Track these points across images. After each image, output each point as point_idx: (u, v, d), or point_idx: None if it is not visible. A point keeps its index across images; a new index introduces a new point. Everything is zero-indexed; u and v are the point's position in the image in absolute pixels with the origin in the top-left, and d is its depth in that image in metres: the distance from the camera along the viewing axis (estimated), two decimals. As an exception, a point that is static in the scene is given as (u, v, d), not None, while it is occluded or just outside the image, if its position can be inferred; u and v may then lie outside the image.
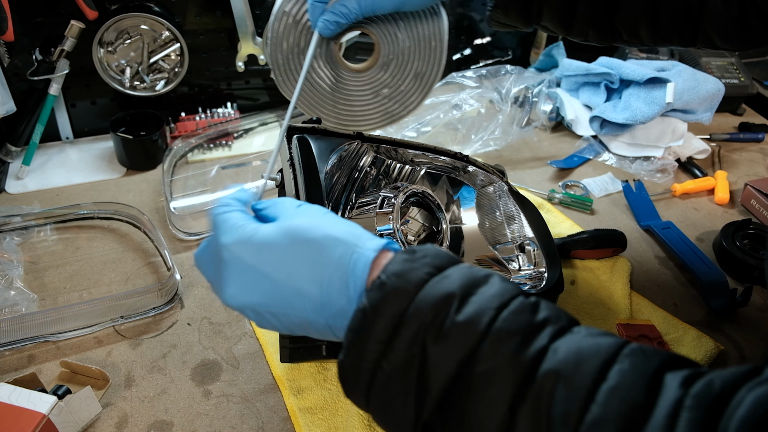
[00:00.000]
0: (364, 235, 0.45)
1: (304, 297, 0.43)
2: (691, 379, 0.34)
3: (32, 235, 0.89)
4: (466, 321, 0.38)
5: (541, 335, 0.37)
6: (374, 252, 0.43)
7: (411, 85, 0.82)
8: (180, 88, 1.15)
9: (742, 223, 0.95)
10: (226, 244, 0.45)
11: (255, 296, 0.44)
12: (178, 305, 0.80)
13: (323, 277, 0.43)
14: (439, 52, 0.80)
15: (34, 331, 0.73)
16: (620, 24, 0.67)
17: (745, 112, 1.36)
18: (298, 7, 0.75)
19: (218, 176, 1.04)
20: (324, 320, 0.43)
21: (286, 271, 0.43)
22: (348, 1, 0.70)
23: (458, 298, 0.39)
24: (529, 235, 0.81)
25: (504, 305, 0.39)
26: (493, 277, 0.41)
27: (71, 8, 0.98)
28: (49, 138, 1.11)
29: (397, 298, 0.39)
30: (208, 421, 0.66)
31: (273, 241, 0.44)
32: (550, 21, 0.70)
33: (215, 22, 1.12)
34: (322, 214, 0.47)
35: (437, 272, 0.41)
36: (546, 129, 1.23)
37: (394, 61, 0.80)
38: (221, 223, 0.47)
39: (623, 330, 0.77)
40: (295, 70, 0.80)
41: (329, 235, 0.44)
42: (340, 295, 0.42)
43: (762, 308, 0.85)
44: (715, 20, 0.64)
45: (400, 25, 0.77)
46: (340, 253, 0.43)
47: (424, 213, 0.77)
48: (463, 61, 1.38)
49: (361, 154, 0.76)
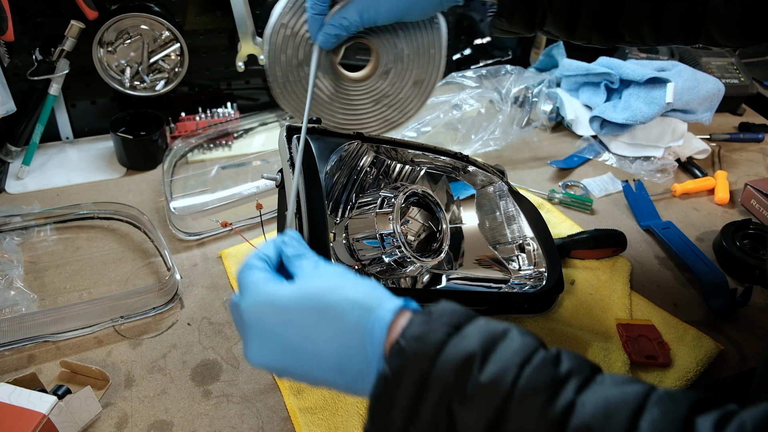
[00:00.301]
0: (381, 295, 0.45)
1: (322, 360, 0.43)
2: (722, 422, 0.34)
3: (32, 235, 0.89)
4: (490, 381, 0.38)
5: (566, 389, 0.37)
6: (391, 314, 0.43)
7: (410, 93, 0.82)
8: (180, 88, 1.15)
9: (742, 223, 0.95)
10: (247, 307, 0.46)
11: (275, 358, 0.45)
12: (178, 305, 0.80)
13: (341, 342, 0.43)
14: (437, 59, 0.80)
15: (34, 331, 0.73)
16: (624, 26, 0.68)
17: (745, 112, 1.36)
18: (296, 19, 0.74)
19: (218, 176, 1.04)
20: (344, 382, 0.44)
21: (305, 335, 0.44)
22: (348, 13, 0.69)
23: (479, 358, 0.39)
24: (529, 235, 0.81)
25: (526, 361, 0.39)
26: (512, 331, 0.41)
27: (71, 8, 0.98)
28: (49, 138, 1.11)
29: (418, 363, 0.39)
30: (208, 421, 0.66)
31: (292, 306, 0.45)
32: (553, 26, 0.70)
33: (215, 22, 1.12)
34: (340, 274, 0.47)
35: (455, 331, 0.41)
36: (546, 129, 1.23)
37: (393, 69, 0.80)
38: (244, 285, 0.48)
39: (623, 330, 0.77)
40: (294, 83, 0.79)
41: (346, 299, 0.44)
42: (359, 360, 0.42)
43: (762, 308, 0.85)
44: (717, 19, 0.64)
45: (400, 35, 0.77)
46: (357, 317, 0.43)
47: (424, 213, 0.77)
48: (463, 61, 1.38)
49: (361, 154, 0.76)
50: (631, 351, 0.75)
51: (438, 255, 0.73)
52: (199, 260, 0.88)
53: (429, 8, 0.70)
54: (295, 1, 0.73)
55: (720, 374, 0.75)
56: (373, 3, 0.68)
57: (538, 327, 0.78)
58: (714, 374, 0.75)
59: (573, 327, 0.79)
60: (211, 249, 0.90)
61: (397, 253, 0.69)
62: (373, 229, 0.70)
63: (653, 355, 0.74)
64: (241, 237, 0.90)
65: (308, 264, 0.49)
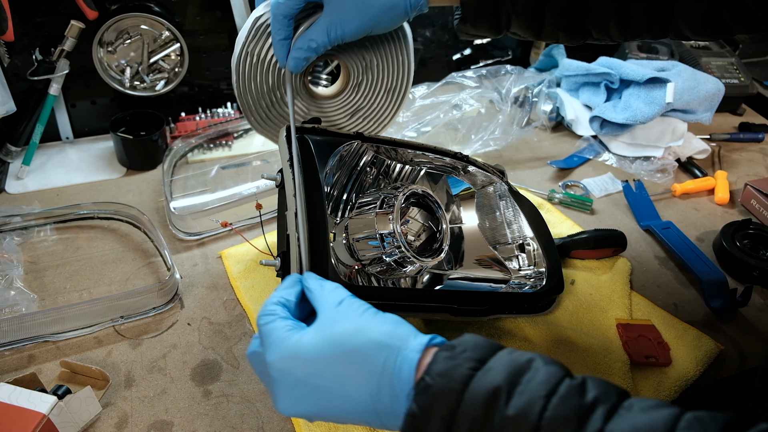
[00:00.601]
0: (407, 333, 0.45)
1: (353, 403, 0.44)
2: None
3: (32, 235, 0.89)
4: (517, 414, 0.38)
5: (593, 418, 0.37)
6: (418, 354, 0.43)
7: (383, 102, 0.82)
8: (180, 88, 1.15)
9: (742, 223, 0.95)
10: (273, 361, 0.46)
11: (306, 407, 0.46)
12: (178, 305, 0.80)
13: (370, 385, 0.44)
14: (407, 65, 0.80)
15: (34, 331, 0.73)
16: (591, 24, 0.67)
17: (745, 112, 1.36)
18: (261, 45, 0.72)
19: (218, 176, 1.04)
20: (376, 421, 0.45)
21: (333, 381, 0.45)
22: (315, 34, 0.68)
23: (505, 391, 0.39)
24: (529, 235, 0.81)
25: (552, 392, 0.39)
26: (536, 361, 0.42)
27: (71, 8, 0.98)
28: (49, 138, 1.11)
29: (445, 399, 0.40)
30: (208, 421, 0.66)
31: (318, 354, 0.45)
32: (519, 28, 0.69)
33: (215, 22, 1.12)
34: (361, 313, 0.47)
35: (480, 365, 0.41)
36: (546, 129, 1.23)
37: (364, 81, 0.79)
38: (266, 336, 0.48)
39: (623, 330, 0.77)
40: (266, 109, 0.77)
41: (372, 341, 0.44)
42: (389, 399, 0.43)
43: (762, 308, 0.85)
44: (685, 14, 0.64)
45: (368, 47, 0.77)
46: (384, 358, 0.44)
47: (424, 213, 0.77)
48: (463, 61, 1.38)
49: (361, 154, 0.76)
50: (631, 351, 0.75)
51: (438, 255, 0.73)
52: (199, 260, 0.88)
53: (395, 21, 0.69)
54: (257, 27, 0.71)
55: (720, 374, 0.75)
56: (340, 22, 0.66)
57: (538, 327, 0.78)
58: (714, 374, 0.75)
59: (573, 327, 0.79)
60: (211, 249, 0.90)
61: (397, 253, 0.69)
62: (373, 229, 0.70)
63: (653, 355, 0.74)
64: (241, 237, 0.90)
65: (331, 300, 0.49)
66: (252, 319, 0.78)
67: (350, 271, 0.72)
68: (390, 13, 0.67)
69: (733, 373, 0.75)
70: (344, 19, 0.66)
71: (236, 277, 0.84)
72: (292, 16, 0.67)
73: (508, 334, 0.77)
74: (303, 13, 0.68)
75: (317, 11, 0.68)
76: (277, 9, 0.66)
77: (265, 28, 0.71)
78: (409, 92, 0.83)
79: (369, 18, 0.67)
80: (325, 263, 0.60)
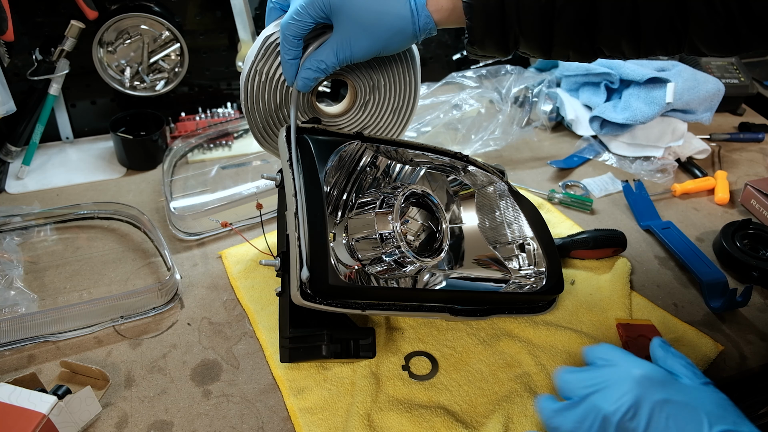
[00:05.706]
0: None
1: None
2: None
3: (32, 235, 0.89)
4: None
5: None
6: None
7: (389, 121, 0.83)
8: (180, 88, 1.15)
9: (742, 223, 0.95)
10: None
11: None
12: (178, 305, 0.80)
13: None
14: (414, 85, 0.80)
15: (34, 331, 0.73)
16: (602, 42, 0.66)
17: (745, 112, 1.36)
18: (269, 64, 0.72)
19: (218, 176, 1.04)
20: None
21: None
22: (324, 55, 0.68)
23: None
24: (529, 235, 0.81)
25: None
26: None
27: (71, 8, 0.98)
28: (49, 138, 1.11)
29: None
30: (208, 421, 0.66)
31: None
32: (528, 48, 0.68)
33: (215, 22, 1.12)
34: None
35: None
36: (546, 129, 1.24)
37: (371, 101, 0.80)
38: None
39: (623, 330, 0.77)
40: (274, 125, 0.77)
41: None
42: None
43: (762, 308, 0.85)
44: (700, 31, 0.62)
45: (375, 68, 0.77)
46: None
47: (424, 213, 0.77)
48: (463, 61, 1.38)
49: (361, 154, 0.76)
50: (631, 351, 0.74)
51: (438, 255, 0.73)
52: (199, 260, 0.88)
53: (404, 43, 0.69)
54: (266, 46, 0.71)
55: (720, 374, 0.75)
56: (348, 43, 0.67)
57: (538, 327, 0.78)
58: (714, 374, 0.75)
59: (573, 327, 0.79)
60: (211, 249, 0.90)
61: (396, 252, 0.69)
62: (373, 229, 0.70)
63: (653, 355, 0.74)
64: (241, 237, 0.90)
65: None
66: (252, 319, 0.78)
67: (350, 271, 0.72)
68: (399, 35, 0.67)
69: (733, 373, 0.75)
70: (353, 41, 0.67)
71: (236, 277, 0.84)
72: (302, 36, 0.67)
73: (508, 334, 0.77)
74: (312, 33, 0.68)
75: (327, 32, 0.69)
76: (287, 29, 0.66)
77: (275, 48, 0.71)
78: (416, 112, 0.83)
79: (378, 40, 0.67)
80: (325, 263, 0.60)
